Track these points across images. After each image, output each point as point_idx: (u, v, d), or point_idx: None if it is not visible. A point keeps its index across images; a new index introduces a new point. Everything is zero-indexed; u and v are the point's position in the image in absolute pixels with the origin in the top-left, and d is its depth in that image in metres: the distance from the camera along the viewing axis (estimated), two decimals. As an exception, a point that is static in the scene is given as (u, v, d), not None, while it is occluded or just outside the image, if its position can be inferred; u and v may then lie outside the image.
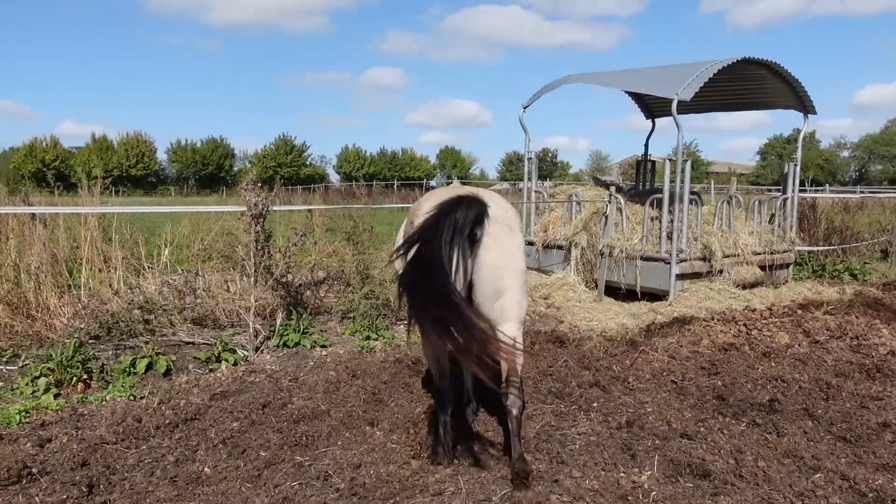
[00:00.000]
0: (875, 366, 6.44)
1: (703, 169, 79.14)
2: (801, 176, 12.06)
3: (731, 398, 5.64)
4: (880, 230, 15.47)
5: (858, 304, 9.16)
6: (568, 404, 5.49)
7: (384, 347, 7.25)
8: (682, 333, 7.65)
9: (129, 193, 65.89)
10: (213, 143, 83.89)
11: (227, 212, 9.26)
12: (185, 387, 5.85)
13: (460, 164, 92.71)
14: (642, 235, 10.04)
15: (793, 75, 10.84)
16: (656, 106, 13.32)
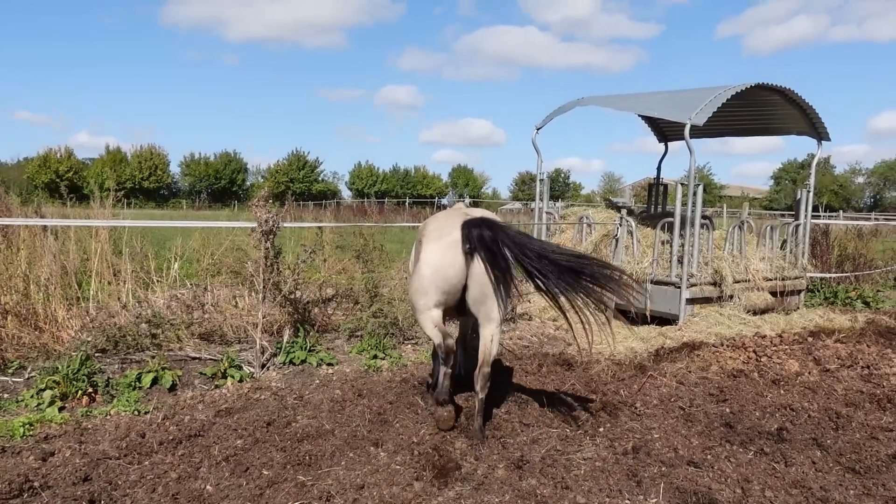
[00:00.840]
0: (886, 396, 6.36)
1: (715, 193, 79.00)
2: (815, 202, 12.01)
3: (740, 426, 5.57)
4: (894, 257, 15.35)
5: (870, 333, 9.08)
6: (574, 428, 5.44)
7: (391, 367, 7.22)
8: (691, 359, 7.59)
9: (142, 206, 66.36)
10: (226, 157, 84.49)
11: (237, 227, 9.29)
12: (189, 402, 5.84)
13: (472, 183, 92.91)
14: (653, 259, 9.99)
15: (807, 101, 10.81)
16: (669, 130, 13.32)
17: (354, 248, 9.18)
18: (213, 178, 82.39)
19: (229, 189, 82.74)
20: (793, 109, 11.19)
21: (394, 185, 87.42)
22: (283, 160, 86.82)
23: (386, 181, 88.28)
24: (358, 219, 25.89)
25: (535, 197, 12.23)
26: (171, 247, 9.73)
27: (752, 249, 10.99)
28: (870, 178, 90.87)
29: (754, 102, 11.36)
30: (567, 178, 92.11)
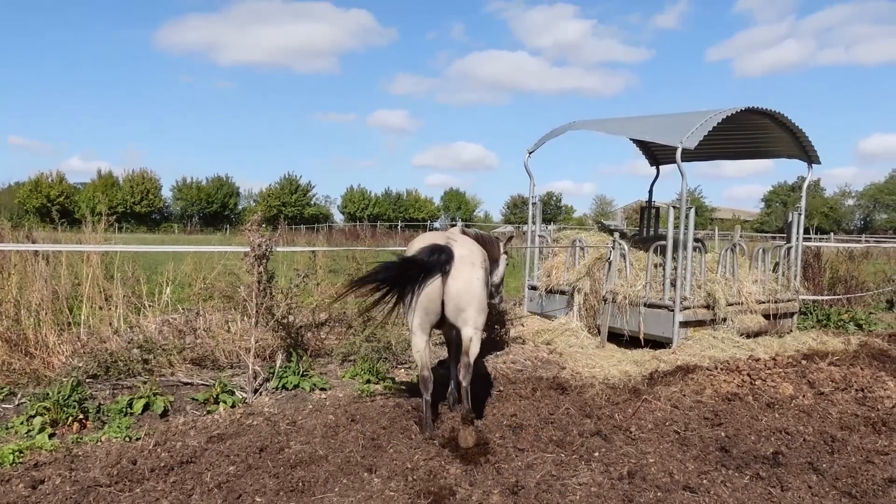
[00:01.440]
0: (881, 419, 6.35)
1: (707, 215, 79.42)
2: (805, 224, 12.07)
3: (735, 450, 5.55)
4: (886, 280, 15.43)
5: (864, 356, 9.09)
6: (569, 453, 5.41)
7: (384, 391, 7.17)
8: (685, 382, 7.58)
9: (133, 230, 66.27)
10: (218, 182, 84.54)
11: (230, 251, 9.27)
12: (181, 428, 5.79)
13: (465, 207, 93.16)
14: (646, 282, 10.00)
15: (797, 125, 10.90)
16: (661, 153, 13.40)
17: (347, 272, 9.16)
18: (205, 202, 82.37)
19: (221, 213, 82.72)
20: (783, 133, 11.27)
21: (386, 208, 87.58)
22: (275, 184, 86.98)
23: (378, 204, 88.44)
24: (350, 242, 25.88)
25: (527, 220, 12.25)
26: (163, 271, 9.69)
27: (744, 272, 11.02)
28: (860, 200, 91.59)
29: (745, 126, 11.45)
30: (559, 201, 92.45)
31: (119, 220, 37.66)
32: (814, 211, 77.83)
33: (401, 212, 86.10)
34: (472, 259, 5.75)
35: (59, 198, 72.30)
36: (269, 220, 64.44)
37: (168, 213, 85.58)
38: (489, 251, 6.77)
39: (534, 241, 11.99)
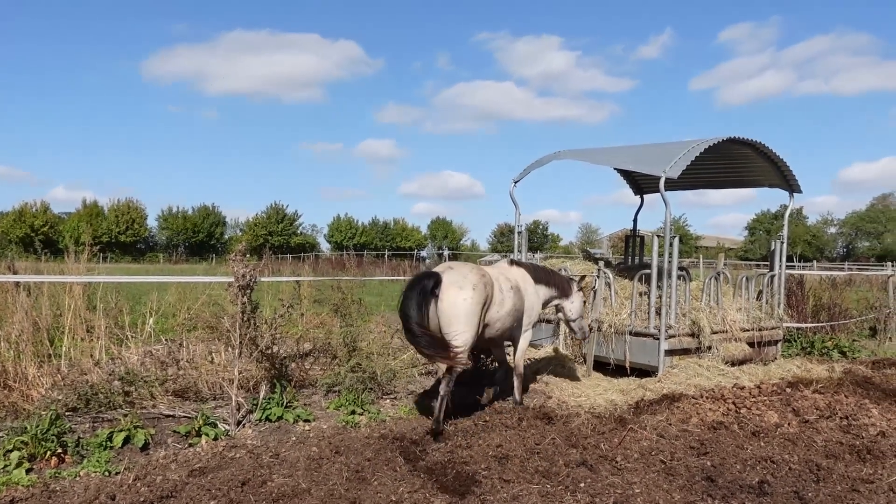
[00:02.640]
0: (865, 447, 6.36)
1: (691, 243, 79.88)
2: (789, 251, 12.16)
3: (721, 479, 5.53)
4: (868, 307, 15.53)
5: (848, 383, 9.12)
6: (555, 484, 5.37)
7: (369, 423, 7.11)
8: (671, 411, 7.56)
9: (118, 260, 65.78)
10: (204, 211, 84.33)
11: (214, 281, 9.22)
12: (162, 462, 5.70)
13: (451, 235, 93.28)
14: (631, 310, 10.02)
15: (778, 155, 11.04)
16: (645, 182, 13.51)
17: (332, 302, 9.13)
18: (191, 232, 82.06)
19: (207, 242, 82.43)
20: (764, 162, 11.41)
21: (373, 237, 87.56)
22: (261, 213, 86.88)
23: (365, 234, 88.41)
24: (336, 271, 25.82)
25: (513, 249, 12.28)
26: (147, 301, 9.62)
27: (728, 300, 11.07)
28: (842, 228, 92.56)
29: (727, 155, 11.57)
30: (545, 229, 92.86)
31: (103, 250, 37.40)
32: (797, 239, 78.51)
33: (388, 240, 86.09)
34: (459, 283, 6.64)
35: (43, 227, 71.85)
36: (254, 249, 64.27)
37: (153, 242, 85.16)
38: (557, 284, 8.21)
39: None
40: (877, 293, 17.65)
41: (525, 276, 7.84)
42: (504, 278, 7.38)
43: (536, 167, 11.65)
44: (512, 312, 7.35)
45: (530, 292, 7.79)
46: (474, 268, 7.04)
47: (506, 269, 7.79)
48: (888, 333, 14.55)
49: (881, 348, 13.73)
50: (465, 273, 6.80)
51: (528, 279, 7.84)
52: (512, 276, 7.61)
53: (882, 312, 14.80)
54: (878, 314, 14.88)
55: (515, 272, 7.76)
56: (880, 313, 14.82)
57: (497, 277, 7.27)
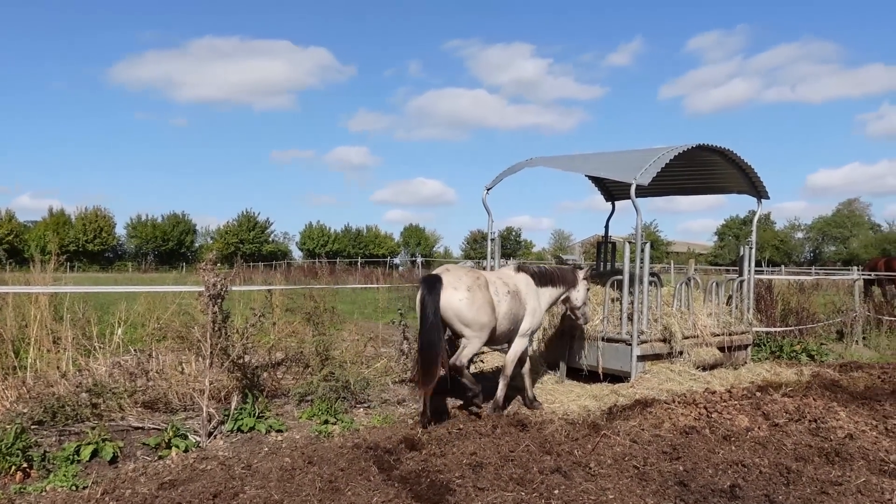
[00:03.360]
0: (834, 449, 6.45)
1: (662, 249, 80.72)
2: (758, 257, 12.33)
3: (693, 484, 5.57)
4: (835, 311, 15.78)
5: (816, 386, 9.25)
6: (529, 491, 5.37)
7: (342, 432, 7.07)
8: (643, 416, 7.61)
9: (85, 269, 64.80)
10: (174, 219, 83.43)
11: (185, 291, 9.11)
12: (131, 475, 5.61)
13: (424, 242, 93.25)
14: (603, 316, 10.08)
15: (746, 161, 11.18)
16: (616, 189, 13.61)
17: (305, 311, 9.06)
18: (161, 240, 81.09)
19: (177, 251, 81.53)
20: (733, 169, 11.55)
21: (346, 244, 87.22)
22: (232, 221, 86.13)
23: (337, 241, 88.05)
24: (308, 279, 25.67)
25: (486, 255, 12.30)
26: (115, 311, 9.47)
27: (699, 305, 11.18)
28: (809, 233, 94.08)
29: (697, 162, 11.70)
30: (518, 235, 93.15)
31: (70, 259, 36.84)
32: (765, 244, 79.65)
33: (360, 248, 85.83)
34: (455, 284, 7.26)
35: (7, 237, 70.55)
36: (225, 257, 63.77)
37: (122, 251, 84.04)
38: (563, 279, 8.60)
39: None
40: (843, 297, 17.94)
41: (528, 281, 8.16)
42: (502, 283, 7.75)
43: (509, 174, 11.68)
44: (508, 315, 7.67)
45: (531, 297, 8.09)
46: (469, 271, 7.70)
47: (508, 274, 8.14)
48: (855, 337, 14.79)
49: (848, 351, 13.95)
50: (461, 275, 7.40)
51: (530, 284, 8.15)
52: (513, 281, 7.95)
53: (849, 316, 15.04)
54: (844, 318, 15.11)
55: (518, 277, 8.10)
56: (847, 317, 15.07)
57: (494, 281, 7.68)
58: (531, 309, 8.06)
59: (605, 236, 14.12)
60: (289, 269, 41.99)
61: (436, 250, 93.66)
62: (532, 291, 8.14)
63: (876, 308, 16.45)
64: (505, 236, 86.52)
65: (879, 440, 6.85)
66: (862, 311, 15.34)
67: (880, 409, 8.12)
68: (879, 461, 6.20)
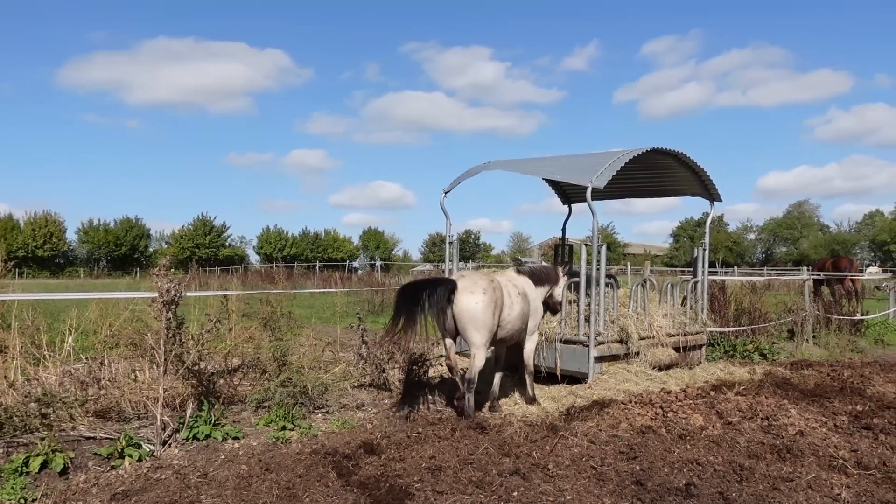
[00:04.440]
0: (785, 446, 6.59)
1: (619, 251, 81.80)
2: (712, 258, 12.55)
3: (649, 483, 5.65)
4: (786, 310, 16.14)
5: (768, 385, 9.45)
6: (488, 494, 5.38)
7: (300, 438, 7.00)
8: (601, 417, 7.68)
9: (35, 275, 63.23)
10: (127, 224, 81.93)
11: (138, 297, 8.94)
12: (82, 486, 5.48)
13: (383, 246, 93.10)
14: (561, 318, 10.15)
15: (698, 165, 11.38)
16: (572, 192, 13.73)
17: (261, 316, 8.96)
18: (113, 245, 79.55)
19: (130, 256, 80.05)
20: (686, 172, 11.75)
21: (304, 248, 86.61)
22: (188, 225, 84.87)
23: (295, 245, 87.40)
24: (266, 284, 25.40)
25: (444, 259, 12.31)
26: (66, 318, 9.25)
27: (655, 306, 11.34)
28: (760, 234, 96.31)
29: (651, 166, 11.87)
30: (477, 239, 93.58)
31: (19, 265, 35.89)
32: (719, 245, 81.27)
33: (319, 252, 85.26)
34: (470, 289, 7.48)
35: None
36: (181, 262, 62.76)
37: (73, 256, 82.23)
38: (549, 277, 8.95)
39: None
40: (794, 297, 18.40)
41: (528, 282, 8.58)
42: (512, 285, 8.14)
43: (466, 178, 11.71)
44: (521, 316, 8.13)
45: (534, 297, 8.58)
46: (484, 275, 7.97)
47: (513, 276, 8.52)
48: (805, 335, 15.14)
49: (799, 350, 14.28)
50: (476, 280, 7.64)
51: (530, 285, 8.58)
52: (520, 283, 8.38)
53: (799, 315, 15.39)
54: (795, 317, 15.46)
55: (521, 280, 8.49)
56: (797, 316, 15.41)
57: (505, 284, 8.04)
58: (534, 308, 8.54)
59: (562, 239, 14.23)
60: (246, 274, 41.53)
61: (395, 253, 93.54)
62: (532, 291, 8.58)
63: (825, 307, 16.86)
64: (464, 239, 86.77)
65: (829, 436, 7.02)
66: (812, 311, 15.71)
67: (830, 405, 8.32)
68: (829, 457, 6.36)
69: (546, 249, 62.65)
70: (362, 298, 21.93)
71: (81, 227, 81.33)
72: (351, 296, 22.61)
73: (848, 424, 7.50)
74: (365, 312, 15.61)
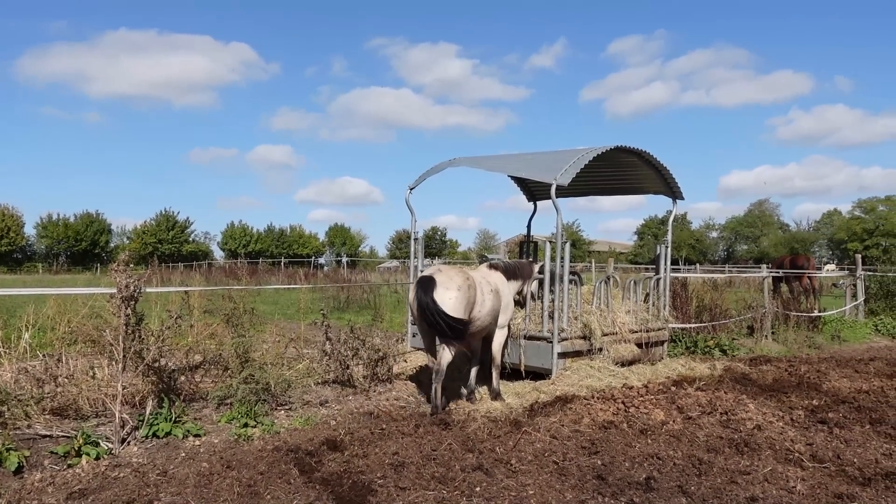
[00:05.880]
0: (743, 440, 6.71)
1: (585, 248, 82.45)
2: (675, 255, 12.71)
3: (611, 477, 5.71)
4: (746, 307, 16.42)
5: (728, 380, 9.62)
6: (451, 489, 5.39)
7: (263, 435, 6.94)
8: (563, 412, 7.75)
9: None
10: (87, 218, 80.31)
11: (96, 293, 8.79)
12: (38, 485, 5.37)
13: (350, 242, 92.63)
14: (525, 315, 10.21)
15: (661, 163, 11.52)
16: (537, 189, 13.81)
17: (224, 312, 8.86)
18: (73, 240, 77.93)
19: (91, 251, 78.53)
20: (650, 170, 11.88)
21: (269, 244, 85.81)
22: (150, 220, 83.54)
23: (260, 241, 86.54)
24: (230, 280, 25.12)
25: (410, 255, 12.30)
26: (23, 315, 9.07)
27: (618, 303, 11.45)
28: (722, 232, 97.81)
29: (615, 164, 11.98)
30: (444, 235, 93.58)
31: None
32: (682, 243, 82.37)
33: (284, 248, 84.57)
34: (447, 284, 7.65)
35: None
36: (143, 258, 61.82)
37: (31, 251, 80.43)
38: (522, 272, 9.31)
39: (416, 276, 12.00)
40: (754, 293, 18.73)
41: (501, 278, 8.79)
42: (486, 282, 8.31)
43: (432, 174, 11.71)
44: (491, 312, 8.26)
45: (506, 292, 8.74)
46: (459, 271, 8.17)
47: (487, 273, 8.69)
48: (764, 332, 15.42)
49: (758, 346, 14.55)
50: (452, 276, 7.85)
51: (503, 280, 8.78)
52: (493, 279, 8.56)
53: (758, 312, 15.68)
54: (754, 314, 15.75)
55: (494, 276, 8.69)
56: (757, 313, 15.70)
57: (480, 281, 8.21)
58: (506, 303, 8.67)
59: (527, 236, 14.30)
60: (209, 270, 41.00)
61: (362, 250, 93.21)
62: (505, 287, 8.77)
63: (784, 304, 17.19)
64: (430, 236, 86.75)
65: (785, 430, 7.17)
66: (771, 307, 16.01)
67: (787, 400, 8.50)
68: (785, 450, 6.49)
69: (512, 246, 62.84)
70: (327, 295, 21.82)
71: (40, 222, 79.61)
72: (316, 292, 22.47)
73: (804, 419, 7.66)
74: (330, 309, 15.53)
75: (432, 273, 7.93)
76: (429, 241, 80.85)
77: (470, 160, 11.98)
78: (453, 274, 7.97)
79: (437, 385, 7.83)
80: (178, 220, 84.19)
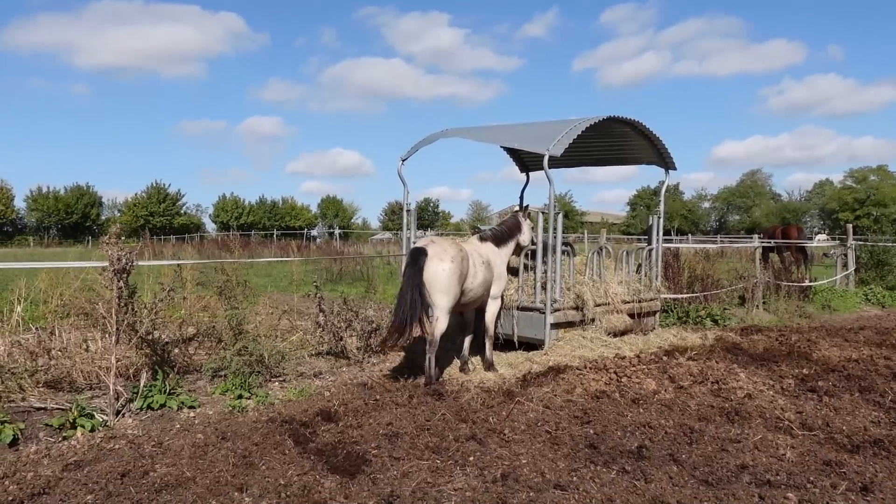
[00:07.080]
0: (734, 409, 6.78)
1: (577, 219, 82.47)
2: (667, 226, 12.73)
3: (603, 446, 5.76)
4: (738, 277, 16.50)
5: (719, 350, 9.68)
6: (444, 459, 5.44)
7: (257, 406, 6.98)
8: (556, 382, 7.80)
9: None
10: (77, 191, 79.87)
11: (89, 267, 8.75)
12: (33, 457, 5.40)
13: (342, 214, 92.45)
14: (518, 286, 10.23)
15: (654, 133, 11.48)
16: (530, 160, 13.76)
17: (216, 285, 8.85)
18: (64, 213, 77.58)
19: (82, 224, 78.20)
20: (642, 140, 11.84)
21: (261, 216, 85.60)
22: (142, 193, 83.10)
23: (253, 213, 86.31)
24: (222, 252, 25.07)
25: (402, 227, 12.27)
26: (15, 288, 9.03)
27: (610, 274, 11.48)
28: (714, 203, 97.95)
29: (608, 134, 11.94)
30: (436, 207, 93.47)
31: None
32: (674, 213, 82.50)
33: (276, 220, 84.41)
34: (438, 255, 7.74)
35: None
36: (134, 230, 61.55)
37: (22, 225, 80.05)
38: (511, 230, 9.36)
39: (409, 248, 11.99)
40: (745, 264, 18.79)
41: (492, 248, 8.92)
42: (477, 254, 8.43)
43: (424, 145, 11.64)
44: (483, 284, 8.41)
45: (498, 262, 8.88)
46: (452, 243, 8.22)
47: (478, 244, 8.80)
48: (755, 302, 15.52)
49: (749, 316, 14.64)
50: (445, 247, 7.92)
51: (494, 250, 8.92)
52: (484, 251, 8.70)
53: (750, 282, 15.76)
54: (746, 284, 15.82)
55: (485, 247, 8.80)
56: (748, 283, 15.78)
57: (471, 253, 8.31)
58: (498, 273, 8.84)
59: (520, 206, 14.27)
60: (202, 243, 40.89)
61: (354, 222, 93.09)
62: (496, 256, 8.91)
63: (775, 274, 17.27)
64: (423, 207, 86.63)
65: (776, 399, 7.24)
66: (762, 278, 16.10)
67: (777, 369, 8.57)
68: (775, 419, 6.56)
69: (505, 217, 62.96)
70: (320, 267, 21.80)
71: (30, 195, 79.15)
72: (309, 264, 22.46)
73: (794, 387, 7.74)
74: (323, 281, 15.53)
75: (425, 245, 7.97)
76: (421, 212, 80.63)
77: (462, 131, 11.91)
78: (446, 245, 8.04)
79: (431, 356, 7.88)
80: (170, 193, 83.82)
